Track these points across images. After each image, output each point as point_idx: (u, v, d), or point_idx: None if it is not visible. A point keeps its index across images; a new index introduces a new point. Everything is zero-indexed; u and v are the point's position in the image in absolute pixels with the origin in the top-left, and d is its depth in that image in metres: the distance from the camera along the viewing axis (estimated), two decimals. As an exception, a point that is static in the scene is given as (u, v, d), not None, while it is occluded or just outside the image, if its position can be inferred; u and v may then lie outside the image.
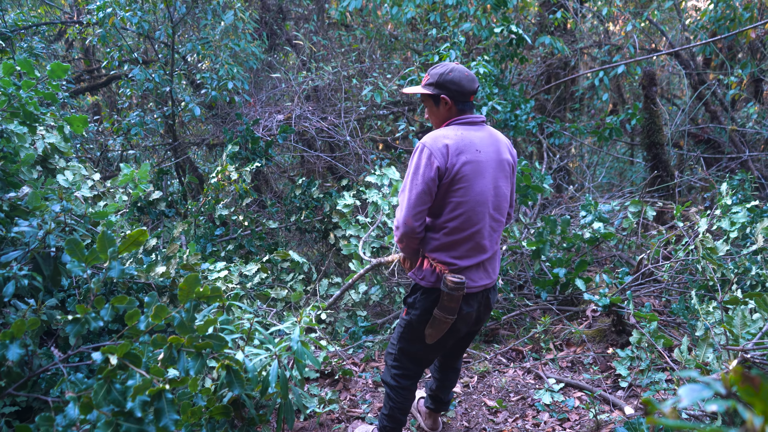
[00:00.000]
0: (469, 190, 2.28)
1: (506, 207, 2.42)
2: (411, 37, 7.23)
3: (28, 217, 2.37)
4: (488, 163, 2.31)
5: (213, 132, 6.80)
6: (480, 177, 2.30)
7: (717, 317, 2.80)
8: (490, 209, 2.34)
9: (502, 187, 2.37)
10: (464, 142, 2.28)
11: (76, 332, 1.76)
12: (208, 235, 4.85)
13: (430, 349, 2.54)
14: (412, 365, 2.61)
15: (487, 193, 2.31)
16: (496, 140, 2.38)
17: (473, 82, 2.36)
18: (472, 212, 2.30)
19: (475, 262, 2.36)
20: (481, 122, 2.40)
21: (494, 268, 2.47)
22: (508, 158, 2.39)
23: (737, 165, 6.34)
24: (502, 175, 2.37)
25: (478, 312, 2.48)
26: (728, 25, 5.72)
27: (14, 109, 2.64)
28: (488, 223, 2.35)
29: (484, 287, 2.42)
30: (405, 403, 2.68)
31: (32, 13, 7.21)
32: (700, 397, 0.70)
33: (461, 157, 2.25)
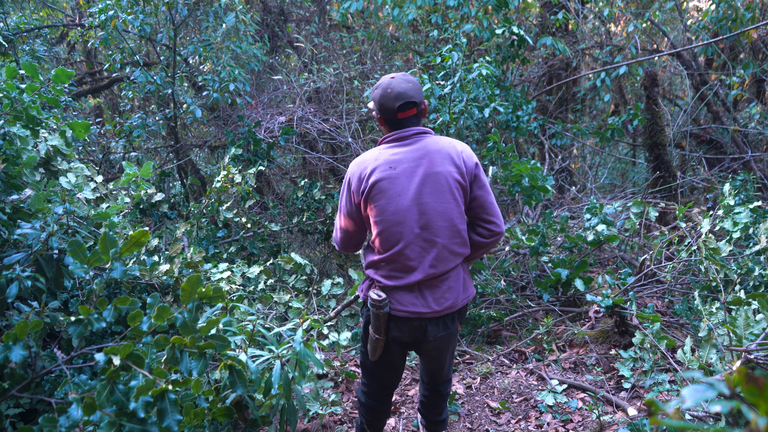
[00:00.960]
0: (383, 209, 2.19)
1: (445, 226, 2.20)
2: (412, 39, 7.24)
3: (31, 219, 2.37)
4: (408, 179, 2.16)
5: (215, 134, 6.81)
6: (395, 196, 2.17)
7: (720, 318, 2.79)
8: (414, 229, 2.17)
9: (432, 204, 2.17)
10: (379, 161, 2.19)
11: (79, 333, 1.76)
12: (211, 237, 4.85)
13: (377, 366, 2.46)
14: (368, 380, 2.56)
15: (405, 212, 2.16)
16: (429, 152, 2.18)
17: (395, 100, 2.18)
18: (388, 233, 2.19)
19: (402, 284, 2.23)
20: (412, 135, 2.23)
21: (440, 297, 2.25)
22: (445, 170, 2.18)
23: (740, 165, 6.33)
24: (435, 190, 2.17)
25: (414, 339, 2.31)
26: (730, 26, 5.71)
27: (17, 113, 2.64)
28: (416, 244, 2.19)
29: (416, 314, 2.23)
30: (372, 422, 2.63)
31: (34, 16, 7.23)
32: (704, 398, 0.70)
33: (372, 176, 2.17)
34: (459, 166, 2.20)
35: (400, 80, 2.22)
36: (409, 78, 2.25)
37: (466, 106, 4.74)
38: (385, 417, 2.66)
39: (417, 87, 2.25)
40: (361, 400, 2.62)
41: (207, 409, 1.91)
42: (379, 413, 2.62)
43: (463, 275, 2.31)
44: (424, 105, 2.29)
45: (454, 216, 2.20)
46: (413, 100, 2.20)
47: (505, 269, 4.76)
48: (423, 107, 2.28)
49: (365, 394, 2.59)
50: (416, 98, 2.22)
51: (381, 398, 2.58)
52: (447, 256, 2.22)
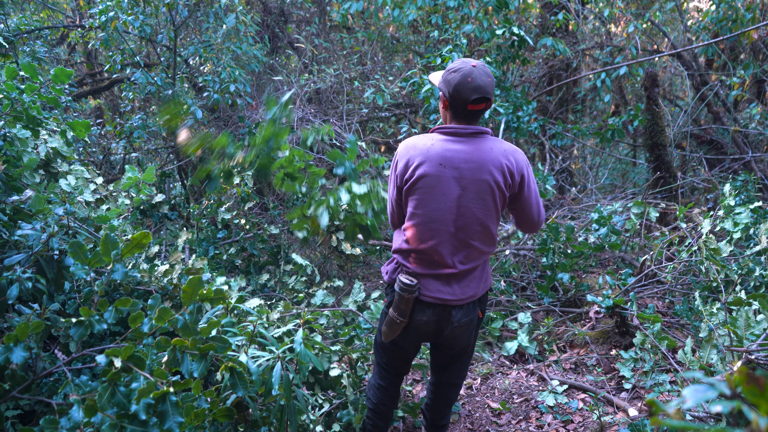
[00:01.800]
0: (423, 203, 2.20)
1: (479, 230, 2.22)
2: (413, 40, 7.24)
3: (32, 220, 2.37)
4: (453, 180, 2.16)
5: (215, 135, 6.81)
6: (438, 193, 2.18)
7: (721, 318, 2.79)
8: (450, 228, 2.20)
9: (474, 209, 2.18)
10: (430, 154, 2.17)
11: (79, 335, 1.76)
12: (211, 238, 4.85)
13: (389, 349, 2.50)
14: (379, 359, 2.60)
15: (444, 211, 2.18)
16: (480, 157, 2.16)
17: (473, 92, 2.13)
18: (425, 227, 2.22)
19: (432, 272, 2.27)
20: (470, 134, 2.19)
21: (465, 286, 2.30)
22: (491, 179, 2.16)
23: (740, 166, 6.33)
24: (477, 197, 2.17)
25: (437, 326, 2.34)
26: (730, 26, 5.71)
27: (17, 113, 2.65)
28: (450, 242, 2.22)
29: (442, 301, 2.27)
30: (379, 405, 2.65)
31: (35, 17, 7.24)
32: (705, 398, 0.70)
33: (420, 169, 2.17)
34: (506, 177, 2.18)
35: (482, 72, 2.16)
36: (489, 71, 2.19)
37: (466, 107, 4.73)
38: (392, 404, 2.68)
39: (493, 83, 2.20)
40: (371, 381, 2.66)
41: (208, 410, 1.91)
42: (386, 396, 2.64)
43: (487, 268, 2.38)
44: (491, 102, 2.24)
45: (491, 222, 2.23)
46: (488, 96, 2.16)
47: (506, 270, 4.76)
48: (489, 104, 2.24)
49: (376, 373, 2.64)
50: (491, 95, 2.17)
51: (390, 378, 2.61)
52: (475, 254, 2.27)
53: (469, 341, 2.49)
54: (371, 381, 2.67)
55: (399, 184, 2.25)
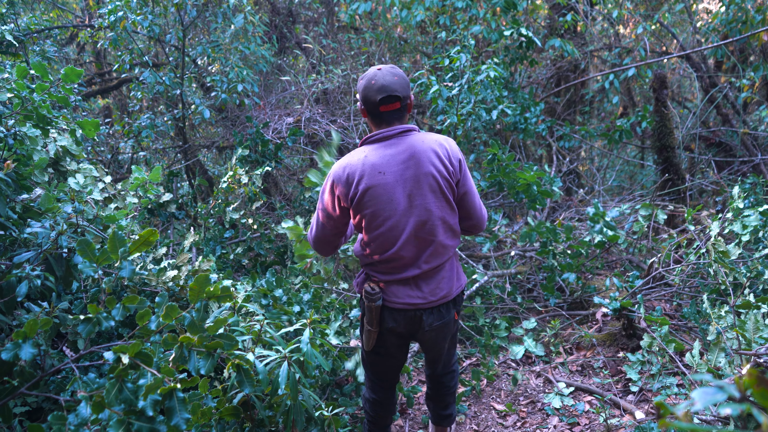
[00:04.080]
0: (376, 216, 2.18)
1: (439, 224, 2.20)
2: (420, 40, 7.24)
3: (41, 218, 2.39)
4: (398, 183, 2.14)
5: (223, 135, 6.84)
6: (387, 201, 2.16)
7: (729, 321, 2.77)
8: (409, 230, 2.18)
9: (425, 205, 2.16)
10: (366, 166, 2.14)
11: (87, 332, 1.77)
12: (218, 238, 4.86)
13: (374, 356, 2.49)
14: (367, 372, 2.59)
15: (399, 216, 2.17)
16: (416, 153, 2.14)
17: (378, 92, 2.11)
18: (383, 238, 2.20)
19: (398, 278, 2.26)
20: (397, 134, 2.17)
21: (435, 287, 2.28)
22: (434, 170, 2.15)
23: (749, 168, 6.29)
24: (426, 191, 2.16)
25: (408, 330, 2.33)
26: (740, 28, 5.68)
27: (27, 112, 2.66)
28: (412, 244, 2.20)
29: (412, 306, 2.26)
30: (376, 418, 2.65)
31: (44, 17, 7.28)
32: (714, 401, 0.70)
33: (362, 183, 2.14)
34: (446, 165, 2.18)
35: (386, 72, 2.15)
36: (396, 71, 2.18)
37: (473, 108, 4.73)
38: (389, 413, 2.66)
39: (403, 80, 2.17)
40: (365, 395, 2.65)
41: (214, 409, 1.92)
42: (381, 408, 2.62)
43: (456, 265, 2.36)
44: (410, 100, 2.22)
45: (446, 214, 2.22)
46: (396, 93, 2.12)
47: (511, 274, 4.74)
48: (408, 102, 2.22)
49: (368, 388, 2.63)
50: (400, 92, 2.14)
51: (382, 391, 2.60)
52: (440, 250, 2.25)
53: (445, 342, 2.48)
54: (365, 394, 2.66)
55: (343, 205, 2.21)
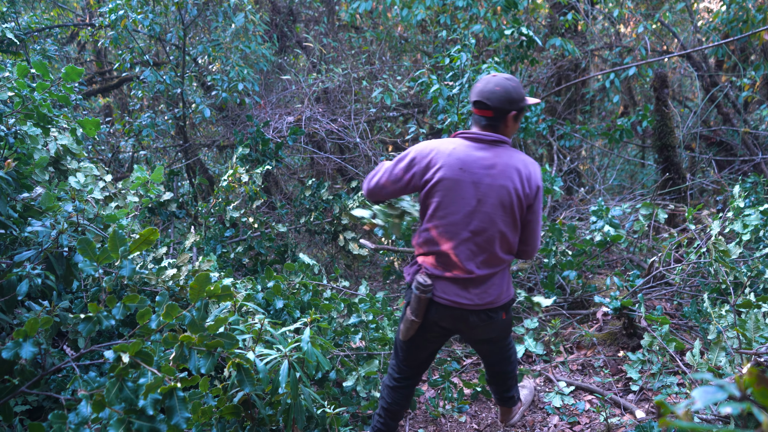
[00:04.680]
0: (443, 206, 2.27)
1: (498, 237, 2.26)
2: (421, 39, 7.24)
3: (41, 217, 2.39)
4: (473, 185, 2.22)
5: (223, 134, 6.84)
6: (457, 198, 2.24)
7: (729, 321, 2.77)
8: (467, 233, 2.25)
9: (492, 215, 2.23)
10: (451, 158, 2.24)
11: (88, 331, 1.77)
12: (218, 237, 4.87)
13: (405, 347, 2.56)
14: (396, 359, 2.66)
15: (463, 215, 2.24)
16: (500, 164, 2.23)
17: (474, 95, 2.27)
18: (443, 229, 2.29)
19: (449, 275, 2.33)
20: (491, 141, 2.27)
21: (483, 292, 2.33)
22: (511, 186, 2.22)
23: (750, 167, 6.29)
24: (496, 203, 2.23)
25: (452, 326, 2.41)
26: (741, 27, 5.67)
27: (28, 111, 2.66)
28: (467, 246, 2.27)
29: (458, 305, 2.33)
30: (392, 405, 2.68)
31: (45, 15, 7.28)
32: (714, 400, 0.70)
33: (440, 171, 2.23)
34: (524, 186, 2.24)
35: (494, 80, 2.26)
36: (503, 84, 2.25)
37: (474, 107, 4.72)
38: (404, 406, 2.71)
39: (504, 94, 2.24)
40: (385, 382, 2.70)
41: (215, 407, 1.92)
42: (399, 397, 2.68)
43: (507, 277, 2.41)
44: (509, 116, 2.29)
45: (508, 230, 2.28)
46: (487, 104, 2.24)
47: (512, 271, 4.75)
48: (508, 116, 2.28)
49: (391, 374, 2.69)
50: (492, 103, 2.23)
51: (406, 380, 2.66)
52: (494, 261, 2.31)
53: (492, 338, 2.55)
54: (385, 381, 2.71)
55: (415, 181, 2.31)
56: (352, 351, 3.36)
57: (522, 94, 2.29)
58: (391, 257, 5.49)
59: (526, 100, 2.32)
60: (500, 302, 2.37)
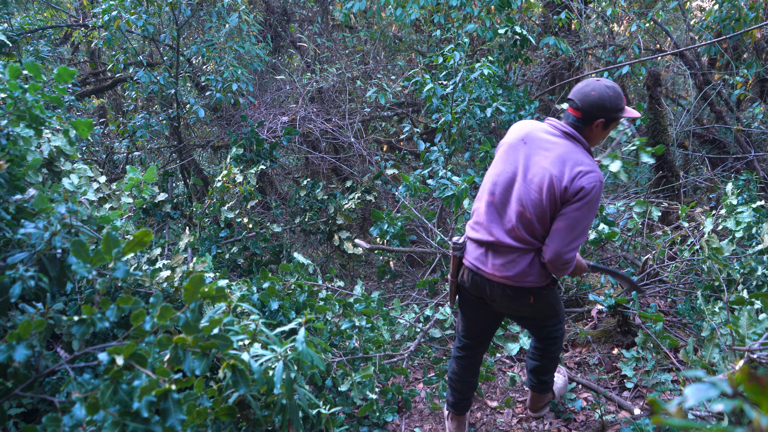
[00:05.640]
0: (495, 165, 2.44)
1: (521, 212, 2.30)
2: (415, 39, 7.23)
3: (35, 219, 2.38)
4: (526, 158, 2.32)
5: (218, 134, 6.82)
6: (508, 162, 2.37)
7: (723, 318, 2.79)
8: (500, 194, 2.37)
9: (528, 191, 2.28)
10: (524, 130, 2.39)
11: (82, 333, 1.76)
12: (213, 237, 4.86)
13: (460, 316, 2.76)
14: (457, 327, 2.86)
15: (505, 176, 2.37)
16: (558, 154, 2.26)
17: (574, 93, 2.33)
18: (484, 187, 2.46)
19: (475, 237, 2.46)
20: (564, 133, 2.32)
21: (500, 264, 2.38)
22: (556, 176, 2.23)
23: (743, 165, 6.32)
24: (536, 184, 2.27)
25: (477, 293, 2.52)
26: (733, 25, 5.69)
27: (21, 112, 2.65)
28: (496, 208, 2.39)
29: (476, 269, 2.45)
30: (450, 375, 2.89)
31: (38, 16, 7.25)
32: (707, 397, 0.70)
33: (510, 137, 2.42)
34: (565, 181, 2.23)
35: (597, 86, 2.29)
36: (604, 92, 2.27)
37: (468, 106, 4.73)
38: (466, 376, 2.85)
39: (597, 101, 2.26)
40: (452, 353, 2.90)
41: (210, 409, 1.92)
42: (460, 367, 2.84)
43: (535, 266, 2.39)
44: (597, 122, 2.30)
45: (534, 212, 2.30)
46: (578, 104, 2.30)
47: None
48: (593, 124, 2.31)
49: (455, 344, 2.89)
50: (582, 106, 2.29)
51: (465, 350, 2.82)
52: (516, 235, 2.37)
53: (519, 317, 2.67)
54: (453, 354, 2.90)
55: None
56: (347, 353, 3.36)
57: (618, 106, 2.28)
58: (386, 256, 5.49)
59: (623, 112, 2.31)
60: (522, 283, 2.39)
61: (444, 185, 4.25)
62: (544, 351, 2.86)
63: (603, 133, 2.35)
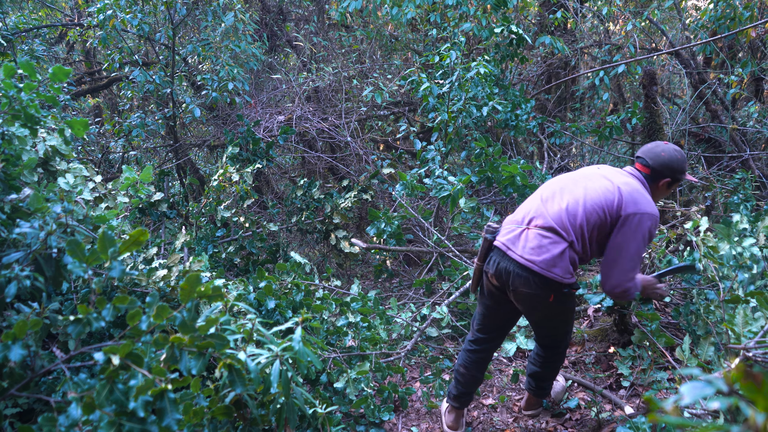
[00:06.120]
0: (557, 179, 2.68)
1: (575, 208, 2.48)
2: (411, 38, 7.23)
3: (30, 218, 2.37)
4: (595, 175, 2.58)
5: (214, 133, 6.81)
6: (573, 175, 2.65)
7: (718, 316, 2.79)
8: (553, 194, 2.57)
9: (586, 197, 2.49)
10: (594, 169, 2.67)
11: (77, 333, 1.76)
12: (209, 237, 4.85)
13: (478, 306, 2.82)
14: (474, 315, 2.90)
15: (563, 184, 2.60)
16: (627, 182, 2.51)
17: (645, 152, 2.62)
18: (540, 190, 2.66)
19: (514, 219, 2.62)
20: (628, 173, 2.61)
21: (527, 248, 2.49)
22: (611, 193, 2.47)
23: (738, 164, 6.34)
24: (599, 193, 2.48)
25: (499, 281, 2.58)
26: (728, 24, 5.71)
27: (15, 112, 2.64)
28: (543, 202, 2.57)
29: (507, 249, 2.54)
30: (458, 366, 2.92)
31: (33, 15, 7.22)
32: (702, 395, 0.70)
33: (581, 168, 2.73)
34: (616, 204, 2.46)
35: (666, 148, 2.58)
36: (673, 154, 2.57)
37: (464, 105, 4.73)
38: (474, 370, 2.89)
39: (667, 161, 2.56)
40: (463, 346, 2.96)
41: (206, 408, 1.91)
42: (470, 360, 2.88)
43: (565, 259, 2.48)
44: (663, 181, 2.58)
45: (584, 217, 2.47)
46: (649, 163, 2.59)
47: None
48: (660, 182, 2.59)
49: (468, 337, 2.94)
50: (652, 164, 2.58)
51: (477, 343, 2.87)
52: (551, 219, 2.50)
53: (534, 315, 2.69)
54: (464, 346, 2.94)
55: None
56: (344, 351, 3.36)
57: (683, 168, 2.56)
58: (383, 255, 5.49)
59: (685, 174, 2.58)
60: (548, 273, 2.45)
61: (440, 185, 4.25)
62: (546, 359, 2.91)
63: (666, 191, 2.61)
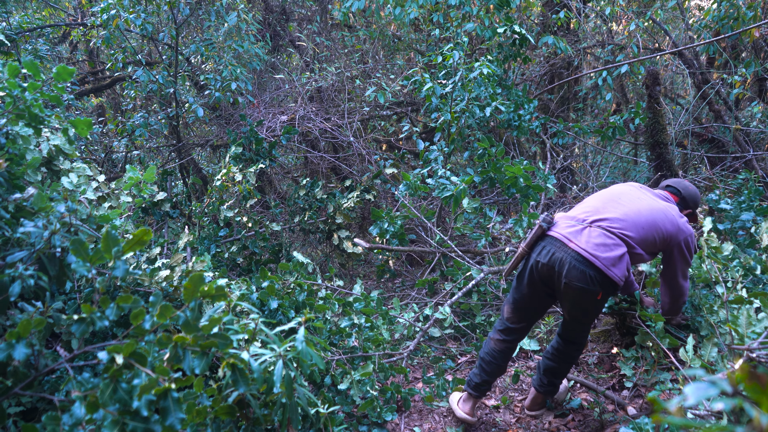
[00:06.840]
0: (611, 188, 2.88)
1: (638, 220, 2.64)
2: (414, 38, 7.23)
3: (34, 218, 2.37)
4: (648, 194, 2.79)
5: (217, 133, 6.82)
6: (628, 187, 2.86)
7: (722, 317, 2.79)
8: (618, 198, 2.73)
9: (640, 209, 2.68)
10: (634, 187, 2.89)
11: (81, 332, 1.76)
12: (212, 236, 4.85)
13: (510, 296, 2.85)
14: (504, 304, 2.92)
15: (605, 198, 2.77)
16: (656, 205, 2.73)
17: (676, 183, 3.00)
18: (599, 194, 2.85)
19: (575, 214, 2.69)
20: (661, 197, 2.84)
21: (589, 242, 2.54)
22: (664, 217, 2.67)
23: (741, 164, 6.32)
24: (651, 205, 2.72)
25: (548, 273, 2.60)
26: (732, 24, 5.70)
27: (20, 111, 2.65)
28: (609, 204, 2.70)
29: (565, 239, 2.58)
30: (483, 352, 2.95)
31: (37, 15, 7.24)
32: (706, 396, 0.70)
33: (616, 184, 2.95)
34: (669, 229, 2.68)
35: (689, 183, 2.98)
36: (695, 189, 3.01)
37: (467, 105, 4.73)
38: (498, 359, 2.91)
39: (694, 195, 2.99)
40: (489, 335, 2.97)
41: (209, 408, 1.92)
42: (495, 350, 2.91)
43: (625, 261, 2.58)
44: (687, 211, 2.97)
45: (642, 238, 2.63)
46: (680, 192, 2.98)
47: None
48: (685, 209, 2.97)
49: (495, 326, 2.96)
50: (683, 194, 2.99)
51: (504, 332, 2.89)
52: (619, 224, 2.61)
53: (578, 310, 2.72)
54: (490, 334, 2.96)
55: None
56: (346, 352, 3.36)
57: (699, 205, 3.01)
58: (386, 256, 5.49)
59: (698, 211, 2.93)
60: (607, 271, 2.51)
61: (443, 185, 4.25)
62: (564, 354, 2.92)
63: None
